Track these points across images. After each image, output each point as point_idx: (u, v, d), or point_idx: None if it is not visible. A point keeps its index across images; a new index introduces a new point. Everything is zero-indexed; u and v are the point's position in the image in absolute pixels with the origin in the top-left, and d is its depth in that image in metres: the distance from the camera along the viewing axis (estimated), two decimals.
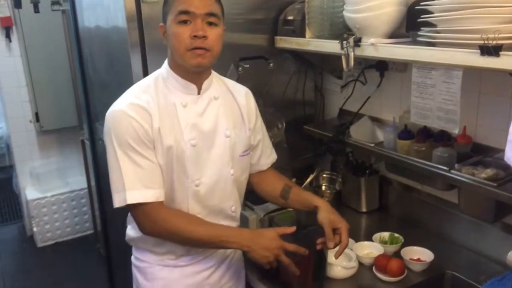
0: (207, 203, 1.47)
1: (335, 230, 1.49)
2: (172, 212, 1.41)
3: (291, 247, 1.40)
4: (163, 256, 1.51)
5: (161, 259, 1.52)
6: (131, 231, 1.54)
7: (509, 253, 0.89)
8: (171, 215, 1.40)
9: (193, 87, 1.42)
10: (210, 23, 1.34)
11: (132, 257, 1.61)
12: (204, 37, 1.32)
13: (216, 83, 1.50)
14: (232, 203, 1.53)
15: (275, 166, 1.71)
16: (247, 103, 1.56)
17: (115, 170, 1.36)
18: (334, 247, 1.47)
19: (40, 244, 3.93)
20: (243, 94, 1.57)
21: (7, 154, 5.37)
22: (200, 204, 1.45)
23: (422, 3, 1.44)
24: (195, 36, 1.31)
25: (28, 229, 4.06)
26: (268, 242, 1.39)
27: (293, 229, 1.44)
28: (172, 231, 1.39)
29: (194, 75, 1.41)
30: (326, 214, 1.49)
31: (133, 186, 1.34)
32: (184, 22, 1.32)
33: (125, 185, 1.34)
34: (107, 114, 1.39)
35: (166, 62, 1.46)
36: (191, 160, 1.40)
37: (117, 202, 1.36)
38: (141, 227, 1.40)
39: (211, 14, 1.33)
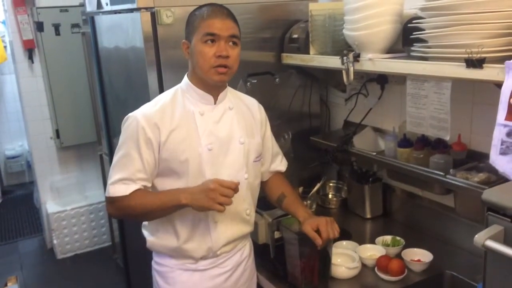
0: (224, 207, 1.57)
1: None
2: (131, 196, 1.52)
3: (225, 182, 1.43)
4: (184, 260, 1.61)
5: (182, 263, 1.61)
6: (151, 237, 1.64)
7: (475, 236, 0.99)
8: (127, 197, 1.52)
9: (210, 97, 1.57)
10: (232, 43, 1.50)
11: (153, 261, 1.70)
12: (227, 56, 1.48)
13: (230, 95, 1.65)
14: (247, 207, 1.64)
15: (284, 175, 1.83)
16: (260, 114, 1.72)
17: (112, 164, 1.55)
18: (324, 243, 1.56)
19: (59, 256, 4.05)
20: (256, 106, 1.73)
21: (27, 171, 5.57)
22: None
23: (414, 21, 1.56)
24: (219, 56, 1.46)
25: (48, 242, 4.19)
26: (202, 186, 1.46)
27: (236, 183, 1.46)
28: (131, 208, 1.52)
29: (212, 88, 1.57)
30: (306, 224, 1.60)
31: (116, 181, 1.52)
32: (210, 41, 1.47)
33: (111, 179, 1.53)
34: (127, 116, 1.57)
35: (185, 77, 1.61)
36: (207, 164, 1.53)
37: (106, 192, 1.56)
38: (108, 209, 1.60)
39: (233, 36, 1.49)
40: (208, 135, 1.54)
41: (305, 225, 1.60)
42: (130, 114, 1.55)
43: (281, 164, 1.82)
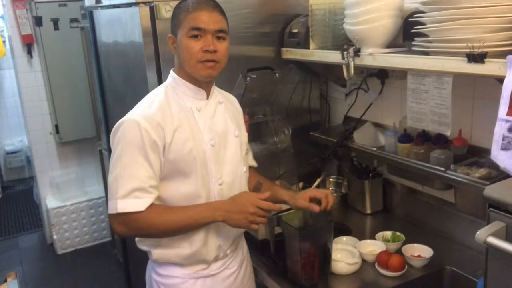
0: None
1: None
2: (145, 214, 1.40)
3: (264, 204, 1.45)
4: (196, 267, 1.54)
5: (194, 271, 1.54)
6: (157, 249, 1.52)
7: (477, 233, 0.98)
8: (146, 216, 1.40)
9: (203, 92, 1.54)
10: (219, 37, 1.45)
11: (154, 274, 1.58)
12: (214, 51, 1.44)
13: (215, 90, 1.63)
14: None
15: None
16: (239, 108, 1.72)
17: (112, 177, 1.41)
18: (322, 209, 1.59)
19: (60, 251, 4.06)
20: (235, 99, 1.73)
21: (26, 166, 5.57)
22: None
23: (415, 15, 1.55)
24: (206, 50, 1.43)
25: (48, 237, 4.20)
26: (241, 206, 1.44)
27: (267, 194, 1.49)
28: (150, 228, 1.41)
29: (203, 83, 1.53)
30: (299, 198, 1.62)
31: (125, 195, 1.37)
32: (195, 36, 1.42)
33: (118, 194, 1.38)
34: (118, 123, 1.44)
35: (172, 72, 1.54)
36: (212, 160, 1.50)
37: (110, 209, 1.40)
38: (115, 229, 1.44)
39: (220, 31, 1.45)
40: (209, 131, 1.51)
41: (298, 199, 1.60)
42: (124, 119, 1.43)
43: (253, 160, 1.81)
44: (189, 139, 1.46)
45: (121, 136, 1.41)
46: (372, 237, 1.91)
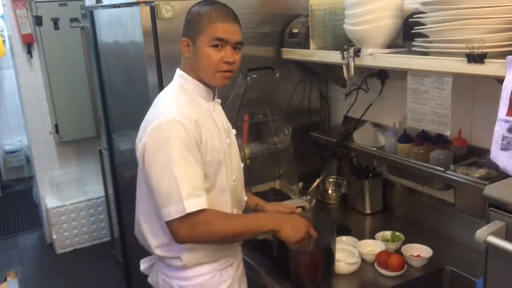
0: (236, 196, 1.59)
1: None
2: (210, 213, 1.39)
3: (314, 233, 1.50)
4: (223, 259, 1.55)
5: (221, 262, 1.55)
6: (187, 254, 1.48)
7: (477, 232, 0.98)
8: (210, 217, 1.39)
9: (211, 93, 1.55)
10: (235, 48, 1.47)
11: (178, 281, 1.53)
12: (233, 62, 1.46)
13: None
14: (244, 193, 1.68)
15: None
16: None
17: (168, 181, 1.35)
18: None
19: (59, 251, 4.06)
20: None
21: (26, 166, 5.56)
22: (233, 197, 1.57)
23: (415, 16, 1.56)
24: (226, 62, 1.45)
25: (48, 237, 4.19)
26: (295, 222, 1.47)
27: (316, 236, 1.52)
28: (212, 232, 1.39)
29: (211, 86, 1.54)
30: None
31: (189, 194, 1.34)
32: (216, 46, 1.43)
33: (182, 195, 1.34)
34: (156, 124, 1.38)
35: (183, 73, 1.52)
36: (229, 157, 1.54)
37: (174, 213, 1.34)
38: (179, 234, 1.38)
39: (239, 42, 1.48)
40: (223, 130, 1.55)
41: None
42: (163, 120, 1.38)
43: None
44: (214, 138, 1.48)
45: (165, 137, 1.36)
46: (372, 237, 1.91)
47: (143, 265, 1.69)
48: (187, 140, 1.37)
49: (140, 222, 1.57)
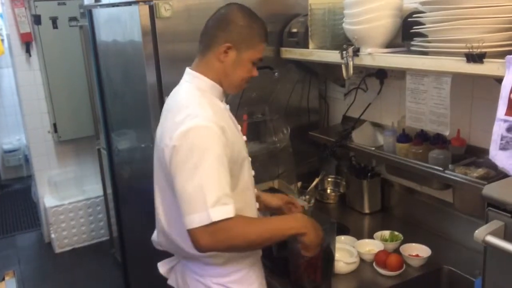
0: (252, 195, 1.58)
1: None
2: (233, 219, 1.32)
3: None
4: (256, 253, 1.55)
5: (253, 257, 1.54)
6: (218, 258, 1.46)
7: (476, 232, 0.98)
8: (233, 223, 1.32)
9: (223, 93, 1.54)
10: None
11: (216, 280, 1.50)
12: None
13: None
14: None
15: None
16: None
17: (194, 187, 1.30)
18: None
19: (57, 250, 4.05)
20: None
21: (24, 165, 5.56)
22: (252, 196, 1.57)
23: (414, 15, 1.56)
24: (251, 78, 1.51)
25: (46, 236, 4.19)
26: (316, 226, 1.46)
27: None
28: (236, 237, 1.34)
29: None
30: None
31: (216, 202, 1.29)
32: (255, 64, 1.50)
33: (207, 203, 1.28)
34: (187, 128, 1.33)
35: (198, 74, 1.47)
36: (247, 157, 1.54)
37: (198, 222, 1.29)
38: (200, 242, 1.31)
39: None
40: (239, 131, 1.55)
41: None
42: (194, 124, 1.33)
43: None
44: (237, 137, 1.48)
45: (195, 143, 1.32)
46: (370, 236, 1.91)
47: (163, 268, 1.64)
48: (216, 147, 1.33)
49: (169, 225, 1.50)
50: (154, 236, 1.63)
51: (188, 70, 1.51)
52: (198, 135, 1.32)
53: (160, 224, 1.54)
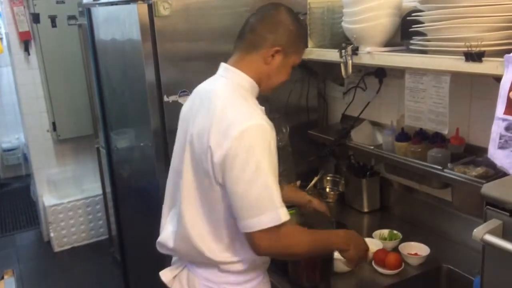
0: None
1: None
2: (290, 227, 1.33)
3: (367, 256, 1.55)
4: (267, 260, 1.53)
5: (264, 265, 1.52)
6: (249, 257, 1.43)
7: (474, 230, 0.99)
8: (290, 230, 1.33)
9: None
10: None
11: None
12: None
13: None
14: None
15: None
16: None
17: (259, 188, 1.27)
18: None
19: (57, 249, 4.06)
20: None
21: (23, 163, 5.55)
22: None
23: (413, 14, 1.55)
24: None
25: (45, 235, 4.19)
26: (360, 242, 1.49)
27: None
28: (291, 246, 1.35)
29: None
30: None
31: (281, 203, 1.29)
32: (293, 67, 1.50)
33: (275, 202, 1.27)
34: (243, 128, 1.28)
35: (239, 71, 1.42)
36: None
37: (268, 222, 1.26)
38: (261, 245, 1.30)
39: None
40: None
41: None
42: (249, 124, 1.29)
43: None
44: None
45: (252, 144, 1.28)
46: (369, 235, 1.91)
47: (166, 277, 1.56)
48: (272, 148, 1.32)
49: (192, 227, 1.43)
50: (164, 239, 1.55)
51: (226, 65, 1.45)
52: (256, 135, 1.29)
53: (181, 229, 1.45)
